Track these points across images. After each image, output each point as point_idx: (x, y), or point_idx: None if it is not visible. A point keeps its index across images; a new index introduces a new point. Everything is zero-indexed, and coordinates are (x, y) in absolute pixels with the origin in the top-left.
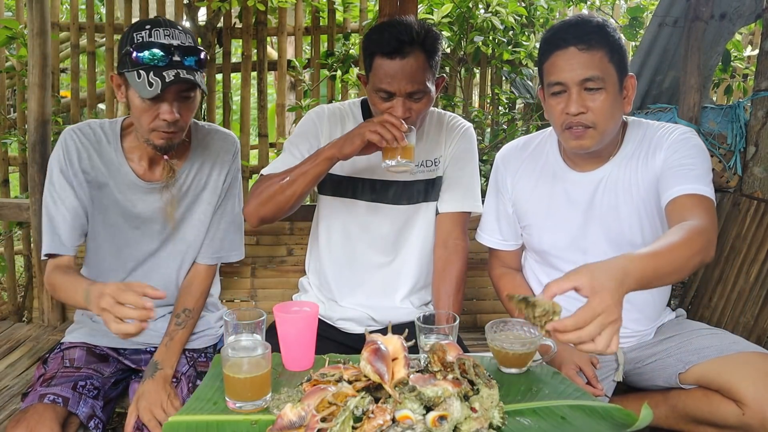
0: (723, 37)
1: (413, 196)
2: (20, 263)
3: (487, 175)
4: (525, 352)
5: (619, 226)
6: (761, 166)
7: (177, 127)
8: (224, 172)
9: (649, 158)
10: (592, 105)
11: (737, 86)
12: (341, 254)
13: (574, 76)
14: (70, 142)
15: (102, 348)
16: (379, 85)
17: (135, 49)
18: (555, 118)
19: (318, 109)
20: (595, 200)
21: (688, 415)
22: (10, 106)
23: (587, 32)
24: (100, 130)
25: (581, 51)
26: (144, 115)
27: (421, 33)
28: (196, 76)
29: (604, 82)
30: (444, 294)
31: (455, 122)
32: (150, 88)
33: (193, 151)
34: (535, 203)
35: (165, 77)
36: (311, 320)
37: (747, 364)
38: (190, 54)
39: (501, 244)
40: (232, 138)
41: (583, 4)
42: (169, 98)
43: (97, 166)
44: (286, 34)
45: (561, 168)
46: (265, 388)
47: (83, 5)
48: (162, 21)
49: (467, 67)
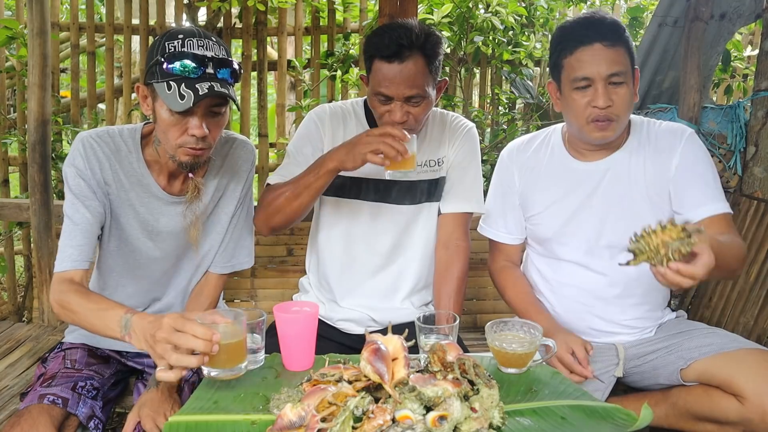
0: (723, 37)
1: (416, 197)
2: (20, 263)
3: (486, 175)
4: (525, 352)
5: (626, 213)
6: (761, 166)
7: (205, 144)
8: (242, 183)
9: (658, 154)
10: (616, 98)
11: (737, 86)
12: (342, 254)
13: (601, 71)
14: (89, 150)
15: (104, 350)
16: (377, 89)
17: (166, 60)
18: (578, 111)
19: (319, 110)
20: (602, 189)
21: (688, 411)
22: (10, 106)
23: (608, 28)
24: (120, 138)
25: (606, 47)
26: (171, 129)
27: (422, 37)
28: (229, 90)
29: (626, 76)
30: (445, 295)
31: (458, 122)
32: (182, 101)
33: (213, 162)
34: (542, 193)
35: (198, 90)
36: (311, 320)
37: (747, 359)
38: (224, 66)
39: (505, 237)
40: (250, 147)
41: (583, 4)
42: (199, 113)
43: (119, 176)
44: (286, 34)
45: (567, 159)
46: (241, 356)
47: (83, 5)
48: (196, 31)
49: (467, 67)
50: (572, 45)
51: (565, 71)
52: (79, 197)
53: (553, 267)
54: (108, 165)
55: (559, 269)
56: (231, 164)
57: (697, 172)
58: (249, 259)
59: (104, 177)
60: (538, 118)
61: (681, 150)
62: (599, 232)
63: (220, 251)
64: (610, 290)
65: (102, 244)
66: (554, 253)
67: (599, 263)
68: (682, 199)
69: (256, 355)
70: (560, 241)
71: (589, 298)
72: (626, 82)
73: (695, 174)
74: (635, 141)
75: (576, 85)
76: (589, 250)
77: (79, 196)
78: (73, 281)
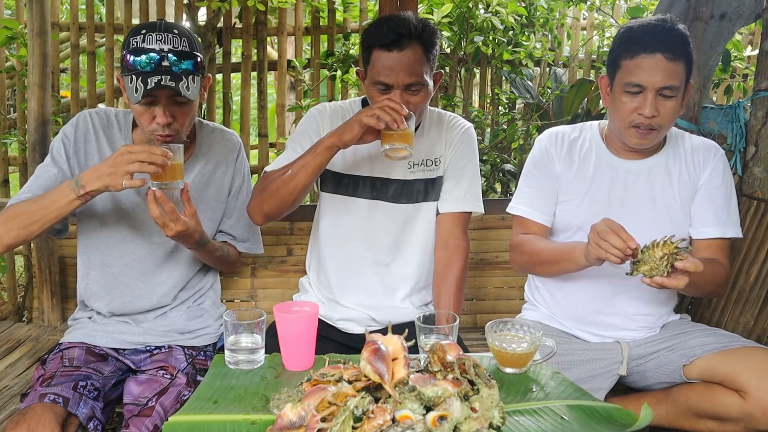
0: (723, 37)
1: (413, 195)
2: (20, 263)
3: (486, 175)
4: (525, 352)
5: (653, 214)
6: (761, 166)
7: (172, 129)
8: (230, 171)
9: (694, 167)
10: (662, 110)
11: (737, 86)
12: (342, 254)
13: (655, 82)
14: (82, 123)
15: (101, 348)
16: (377, 78)
17: (129, 53)
18: (623, 114)
19: (320, 107)
20: (635, 187)
21: (690, 408)
22: (10, 106)
23: (674, 41)
24: (114, 117)
25: (667, 60)
26: (141, 117)
27: (419, 27)
28: (186, 81)
29: (677, 90)
30: (444, 294)
31: (456, 122)
32: (135, 94)
33: (198, 148)
34: (578, 182)
35: (148, 83)
36: (311, 320)
37: (750, 355)
38: (184, 58)
39: (535, 215)
40: (235, 137)
41: (583, 4)
42: (162, 103)
43: (104, 148)
44: (286, 34)
45: (605, 153)
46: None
47: (83, 5)
48: (159, 25)
49: (467, 67)
50: (635, 49)
51: (621, 72)
52: (55, 157)
53: None
54: (94, 137)
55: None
56: (215, 152)
57: (718, 192)
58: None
59: (87, 149)
60: (538, 118)
61: (712, 166)
62: (626, 226)
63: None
64: (626, 282)
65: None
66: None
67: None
68: (694, 214)
69: (256, 355)
70: (585, 230)
71: (604, 285)
72: (676, 96)
73: (716, 194)
74: (671, 149)
75: (627, 89)
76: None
77: (55, 156)
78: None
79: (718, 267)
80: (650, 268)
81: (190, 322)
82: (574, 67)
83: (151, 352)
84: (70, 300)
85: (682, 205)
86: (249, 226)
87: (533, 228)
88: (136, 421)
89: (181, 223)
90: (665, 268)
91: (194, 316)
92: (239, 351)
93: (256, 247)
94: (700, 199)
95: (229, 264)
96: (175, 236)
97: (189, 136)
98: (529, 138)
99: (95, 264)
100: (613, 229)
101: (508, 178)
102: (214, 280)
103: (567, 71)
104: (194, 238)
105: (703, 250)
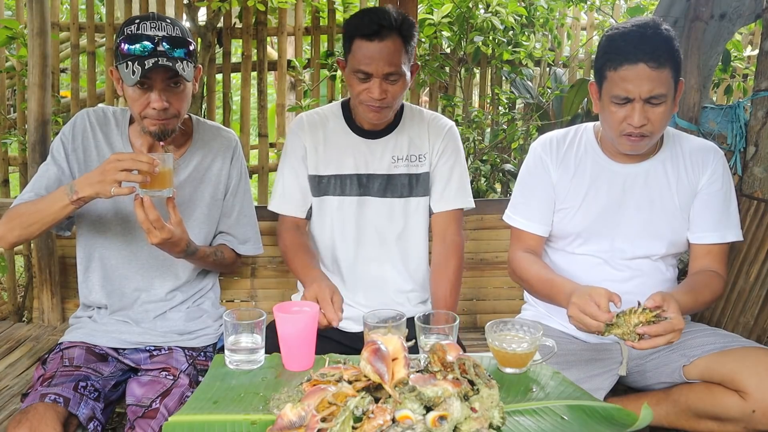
0: (723, 37)
1: (397, 189)
2: (20, 263)
3: (486, 175)
4: (525, 352)
5: (651, 217)
6: (761, 166)
7: (168, 114)
8: (226, 168)
9: (693, 169)
10: (653, 117)
11: (737, 86)
12: (337, 253)
13: (641, 92)
14: (80, 121)
15: (101, 347)
16: (357, 66)
17: (124, 41)
18: (613, 124)
19: (297, 120)
20: (633, 191)
21: (690, 409)
22: (10, 106)
23: (657, 48)
24: (111, 114)
25: (651, 69)
26: (135, 103)
27: (399, 19)
28: (181, 64)
29: (666, 97)
30: (442, 289)
31: (438, 120)
32: (133, 76)
33: (194, 144)
34: (575, 188)
35: (145, 65)
36: (311, 320)
37: (751, 355)
38: (178, 45)
39: (531, 227)
40: (232, 135)
41: (582, 5)
42: (157, 87)
43: (101, 145)
44: (286, 34)
45: (601, 158)
46: (168, 183)
47: (83, 5)
48: (152, 15)
49: (467, 67)
50: (618, 60)
51: (608, 83)
52: (55, 156)
53: (568, 260)
54: (91, 134)
55: (573, 262)
56: (211, 149)
57: (717, 196)
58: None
59: (85, 147)
60: (538, 118)
61: (711, 169)
62: (623, 232)
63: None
64: (627, 283)
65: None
66: (574, 248)
67: (620, 262)
68: (693, 219)
69: (256, 355)
70: (585, 236)
71: (604, 286)
72: (665, 101)
73: (715, 198)
74: (669, 151)
75: (615, 101)
76: (611, 247)
77: (55, 155)
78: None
79: (705, 290)
80: (623, 332)
81: (190, 323)
82: (574, 67)
83: (151, 353)
84: (70, 300)
85: (681, 209)
86: (249, 225)
87: (529, 241)
88: (142, 423)
89: (166, 231)
90: (637, 335)
91: (194, 317)
92: (239, 351)
93: (256, 248)
94: (699, 203)
95: (225, 267)
96: (159, 244)
97: (186, 130)
98: (529, 138)
99: (95, 265)
100: (593, 306)
101: (508, 178)
102: (214, 282)
103: (567, 71)
104: (180, 247)
105: (702, 256)
